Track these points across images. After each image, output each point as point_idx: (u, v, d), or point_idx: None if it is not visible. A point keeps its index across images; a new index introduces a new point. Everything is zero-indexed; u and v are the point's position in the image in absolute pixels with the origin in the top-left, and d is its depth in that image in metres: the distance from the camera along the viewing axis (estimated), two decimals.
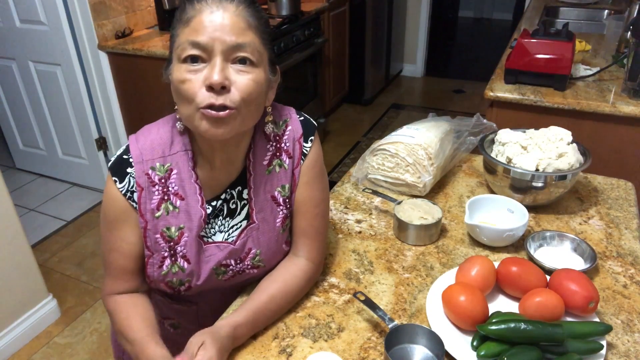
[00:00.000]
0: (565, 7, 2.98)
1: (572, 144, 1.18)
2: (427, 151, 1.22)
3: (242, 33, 0.77)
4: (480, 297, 0.84)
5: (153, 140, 0.88)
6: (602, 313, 0.90)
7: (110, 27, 2.73)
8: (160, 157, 0.87)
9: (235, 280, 0.96)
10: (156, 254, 0.89)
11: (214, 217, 0.93)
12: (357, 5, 3.90)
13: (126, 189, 0.86)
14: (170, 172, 0.88)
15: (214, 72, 0.75)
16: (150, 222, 0.88)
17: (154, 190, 0.87)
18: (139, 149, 0.87)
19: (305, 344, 0.86)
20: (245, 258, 0.93)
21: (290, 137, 0.93)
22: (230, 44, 0.76)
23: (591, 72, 1.85)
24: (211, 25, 0.75)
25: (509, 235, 1.05)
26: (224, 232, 0.94)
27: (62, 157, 3.17)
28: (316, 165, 0.96)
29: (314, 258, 0.96)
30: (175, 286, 0.92)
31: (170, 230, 0.88)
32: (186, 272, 0.90)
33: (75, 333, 2.11)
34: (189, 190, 0.88)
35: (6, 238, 1.88)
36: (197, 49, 0.76)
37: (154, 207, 0.87)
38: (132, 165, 0.86)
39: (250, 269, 0.95)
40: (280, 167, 0.93)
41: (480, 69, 4.92)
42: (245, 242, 0.93)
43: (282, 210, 0.94)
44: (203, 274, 0.91)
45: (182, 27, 0.78)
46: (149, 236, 0.88)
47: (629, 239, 1.10)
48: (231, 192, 0.93)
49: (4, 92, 3.10)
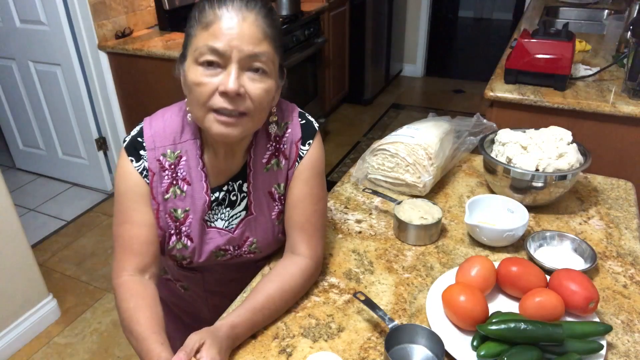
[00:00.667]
0: (565, 7, 2.98)
1: (572, 144, 1.18)
2: (427, 151, 1.22)
3: (259, 43, 0.80)
4: (480, 297, 0.84)
5: (166, 127, 0.93)
6: (602, 313, 0.90)
7: (110, 27, 2.73)
8: (171, 144, 0.93)
9: (234, 261, 1.04)
10: (165, 232, 0.97)
11: (217, 205, 0.99)
12: (357, 5, 3.90)
13: (141, 169, 0.93)
14: (180, 159, 0.94)
15: (229, 80, 0.79)
16: (161, 204, 0.94)
17: (164, 175, 0.94)
18: (152, 135, 0.93)
19: (305, 344, 0.86)
20: (242, 245, 1.01)
21: (289, 140, 0.97)
22: (247, 53, 0.79)
23: (591, 72, 1.85)
24: (230, 33, 0.78)
25: (509, 235, 1.05)
26: (225, 220, 1.00)
27: (62, 157, 3.17)
28: (315, 164, 0.98)
29: (313, 256, 0.97)
30: (179, 260, 1.01)
31: (177, 212, 0.95)
32: (189, 249, 0.98)
33: (75, 333, 2.11)
34: (195, 177, 0.95)
35: (6, 238, 1.88)
36: (215, 55, 0.79)
37: (164, 190, 0.94)
38: (145, 150, 0.92)
39: (247, 254, 1.02)
40: (277, 166, 0.98)
41: (480, 69, 4.91)
42: (243, 231, 0.99)
43: (278, 205, 1.01)
44: (204, 254, 0.99)
45: (201, 30, 0.80)
46: (160, 217, 0.95)
47: (629, 239, 1.10)
48: (233, 185, 0.98)
49: (4, 92, 3.10)
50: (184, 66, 0.84)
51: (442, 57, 5.58)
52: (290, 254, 0.98)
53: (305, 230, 0.97)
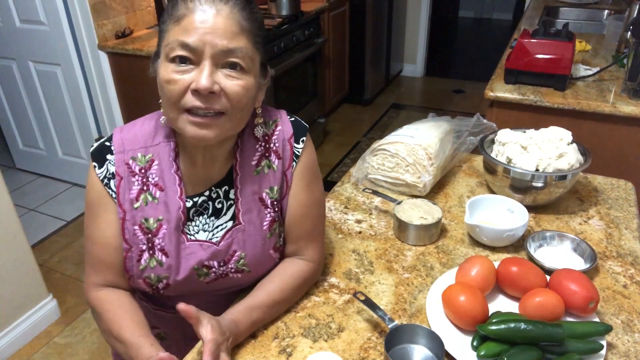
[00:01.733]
0: (565, 7, 2.98)
1: (572, 144, 1.18)
2: (427, 151, 1.22)
3: (234, 37, 0.75)
4: (480, 297, 0.84)
5: (137, 132, 0.88)
6: (602, 313, 0.90)
7: (110, 27, 2.73)
8: (142, 148, 0.87)
9: (219, 285, 0.92)
10: (134, 247, 0.87)
11: (197, 214, 0.90)
12: (357, 5, 3.90)
13: (104, 175, 0.86)
14: (152, 163, 0.87)
15: (201, 77, 0.73)
16: (129, 212, 0.86)
17: (134, 180, 0.86)
18: (121, 139, 0.87)
19: (305, 344, 0.86)
20: (229, 261, 0.90)
21: (279, 138, 0.91)
22: (220, 49, 0.74)
23: (591, 72, 1.85)
24: (202, 27, 0.73)
25: (509, 235, 1.05)
26: (208, 232, 0.91)
27: (62, 157, 3.17)
28: (313, 166, 0.95)
29: (316, 259, 0.97)
30: (154, 283, 0.88)
31: (148, 222, 0.86)
32: (164, 266, 0.87)
33: (75, 333, 2.11)
34: (168, 181, 0.87)
35: (6, 238, 1.88)
36: (186, 51, 0.74)
37: (133, 198, 0.86)
38: (113, 153, 0.86)
39: (234, 273, 0.91)
40: (269, 168, 0.91)
41: (480, 69, 4.91)
42: (230, 243, 0.89)
43: (270, 213, 0.91)
44: (182, 271, 0.88)
45: (172, 24, 0.75)
46: (127, 227, 0.86)
47: (629, 239, 1.10)
48: (217, 191, 0.91)
49: (4, 92, 3.10)
50: (157, 64, 0.79)
51: (442, 57, 5.57)
52: (293, 257, 0.97)
53: (310, 236, 0.95)
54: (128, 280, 0.91)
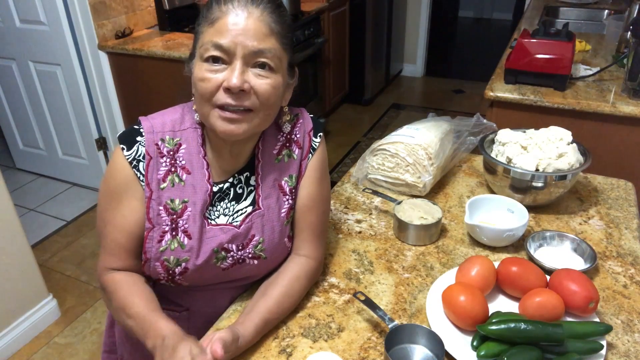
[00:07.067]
0: (565, 7, 2.98)
1: (572, 144, 1.18)
2: (427, 151, 1.22)
3: (264, 39, 0.80)
4: (480, 297, 0.84)
5: (164, 119, 0.91)
6: (602, 313, 0.90)
7: (110, 27, 2.73)
8: (170, 131, 0.90)
9: (234, 273, 0.93)
10: (157, 227, 0.88)
11: (219, 199, 0.93)
12: (357, 5, 3.89)
13: (133, 157, 0.87)
14: (179, 147, 0.90)
15: (233, 76, 0.78)
16: (155, 192, 0.88)
17: (162, 162, 0.88)
18: (151, 124, 0.89)
19: (305, 344, 0.86)
20: (247, 245, 0.92)
21: (301, 129, 0.96)
22: (251, 49, 0.79)
23: (591, 72, 1.85)
24: (234, 29, 0.78)
25: (509, 235, 1.05)
26: (228, 216, 0.93)
27: (62, 157, 3.17)
28: (325, 162, 1.00)
29: (317, 257, 0.97)
30: (172, 267, 0.89)
31: (174, 202, 0.89)
32: (186, 248, 0.88)
33: (75, 333, 2.11)
34: (196, 165, 0.90)
35: (6, 238, 1.88)
36: (219, 51, 0.79)
37: (160, 178, 0.88)
38: (143, 135, 0.88)
39: (251, 258, 0.93)
40: (289, 157, 0.95)
41: (480, 69, 4.91)
42: (249, 227, 0.92)
43: (288, 200, 0.95)
44: (202, 253, 0.89)
45: (207, 27, 0.81)
46: (152, 207, 0.88)
47: (629, 239, 1.10)
48: (239, 177, 0.94)
49: (4, 92, 3.10)
50: (192, 64, 0.84)
51: (442, 57, 5.57)
52: (294, 255, 0.97)
53: (314, 231, 0.97)
54: (143, 265, 0.92)
